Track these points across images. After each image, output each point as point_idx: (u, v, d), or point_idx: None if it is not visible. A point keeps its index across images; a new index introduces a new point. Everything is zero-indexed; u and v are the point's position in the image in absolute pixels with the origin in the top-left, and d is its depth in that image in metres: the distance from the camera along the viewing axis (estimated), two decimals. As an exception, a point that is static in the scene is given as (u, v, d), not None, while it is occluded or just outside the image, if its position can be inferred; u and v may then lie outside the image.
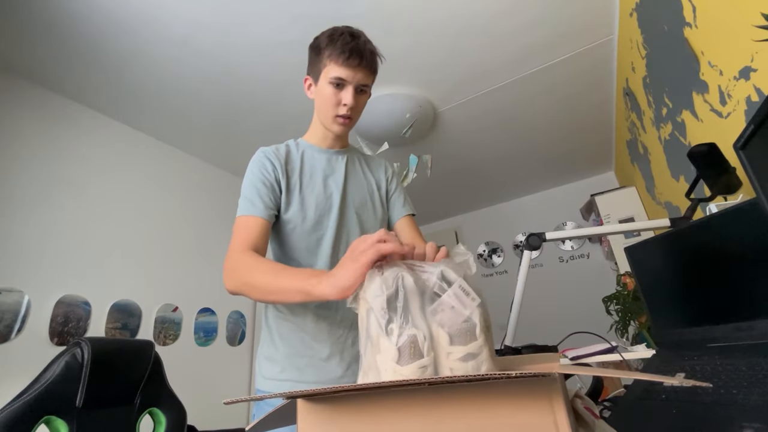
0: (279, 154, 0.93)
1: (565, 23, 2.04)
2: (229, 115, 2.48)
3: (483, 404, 0.34)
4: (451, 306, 0.39)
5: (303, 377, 0.84)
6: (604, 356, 1.02)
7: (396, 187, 1.06)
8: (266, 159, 0.91)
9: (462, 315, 0.39)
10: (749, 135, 0.58)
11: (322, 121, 0.95)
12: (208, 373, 2.48)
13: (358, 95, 0.90)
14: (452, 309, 0.39)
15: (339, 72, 0.86)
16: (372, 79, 0.92)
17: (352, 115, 0.91)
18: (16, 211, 1.87)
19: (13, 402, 0.81)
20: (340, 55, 0.85)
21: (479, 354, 0.38)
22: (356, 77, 0.87)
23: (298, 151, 0.97)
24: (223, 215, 2.87)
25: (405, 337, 0.38)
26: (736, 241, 0.67)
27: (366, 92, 0.92)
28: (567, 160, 3.49)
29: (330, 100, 0.89)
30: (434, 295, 0.41)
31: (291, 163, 0.94)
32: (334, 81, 0.87)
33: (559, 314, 3.44)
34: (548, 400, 0.33)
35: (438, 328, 0.39)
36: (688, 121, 1.46)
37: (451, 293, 0.40)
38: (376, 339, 0.39)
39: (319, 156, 0.98)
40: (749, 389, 0.49)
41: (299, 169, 0.94)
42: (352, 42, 0.86)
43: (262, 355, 0.91)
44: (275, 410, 0.40)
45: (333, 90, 0.88)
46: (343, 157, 1.00)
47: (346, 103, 0.88)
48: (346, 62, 0.85)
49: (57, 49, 1.91)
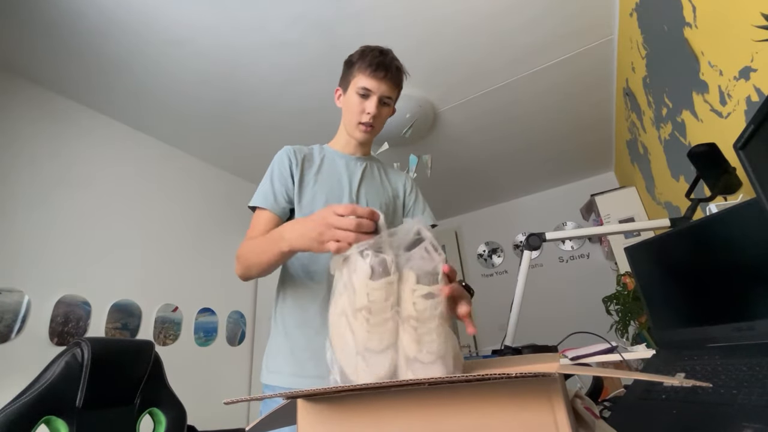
0: (300, 152, 1.00)
1: (565, 23, 2.04)
2: (229, 115, 2.48)
3: (483, 404, 0.34)
4: (421, 257, 0.48)
5: (304, 371, 0.86)
6: (604, 356, 1.02)
7: (416, 199, 1.11)
8: (285, 155, 0.98)
9: (430, 264, 0.47)
10: (749, 135, 0.58)
11: (347, 127, 1.02)
12: (208, 373, 2.48)
13: (382, 107, 0.97)
14: (422, 258, 0.48)
15: (366, 83, 0.94)
16: (396, 93, 1.00)
17: (375, 123, 0.98)
18: (16, 211, 1.87)
19: (13, 402, 0.81)
20: (368, 67, 0.94)
21: (438, 296, 0.46)
22: (381, 89, 0.95)
23: (320, 153, 1.04)
24: (223, 215, 2.87)
25: (377, 258, 0.47)
26: (736, 241, 0.67)
27: (389, 105, 1.00)
28: (567, 160, 3.49)
29: (355, 108, 0.97)
30: (409, 247, 0.50)
31: (309, 161, 1.01)
32: (360, 91, 0.95)
33: (559, 314, 3.44)
34: (548, 400, 0.33)
35: (408, 270, 0.47)
36: (688, 121, 1.46)
37: (422, 247, 0.48)
38: (353, 264, 0.48)
39: (339, 159, 1.03)
40: (749, 389, 0.49)
41: (316, 167, 1.00)
42: (380, 57, 0.95)
43: (267, 348, 0.95)
44: (275, 410, 0.41)
45: (359, 99, 0.96)
46: (362, 163, 1.05)
47: (369, 111, 0.95)
48: (373, 74, 0.94)
49: (57, 49, 1.91)
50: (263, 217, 0.92)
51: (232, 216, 2.92)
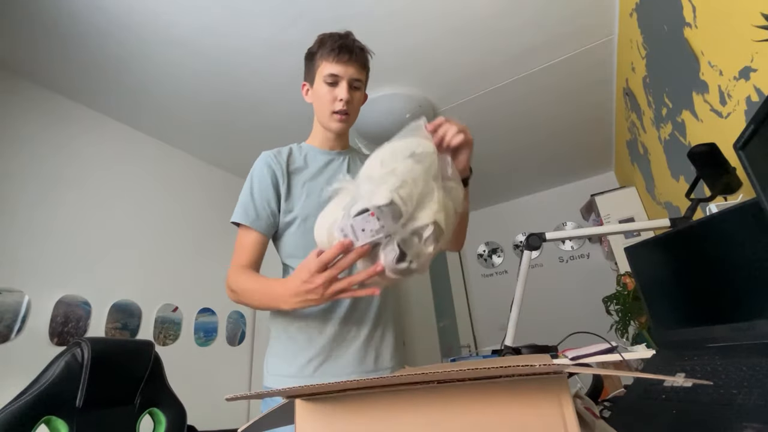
0: (280, 158, 0.96)
1: (565, 23, 2.04)
2: (229, 115, 2.48)
3: (489, 402, 0.34)
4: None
5: (304, 372, 0.86)
6: (604, 356, 1.02)
7: None
8: (266, 166, 0.93)
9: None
10: (749, 135, 0.58)
11: (321, 120, 0.98)
12: (208, 373, 2.48)
13: (353, 91, 0.94)
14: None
15: (331, 69, 0.91)
16: (364, 75, 0.96)
17: (349, 110, 0.94)
18: (16, 210, 1.87)
19: (13, 402, 0.81)
20: (330, 53, 0.91)
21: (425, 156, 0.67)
22: (348, 72, 0.92)
23: (301, 153, 1.00)
24: (223, 215, 2.85)
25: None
26: (737, 242, 0.67)
27: (360, 89, 0.96)
28: (567, 160, 3.49)
29: (326, 97, 0.93)
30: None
31: (293, 165, 0.97)
32: (328, 79, 0.92)
33: (559, 314, 3.44)
34: (557, 398, 0.32)
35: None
36: (688, 121, 1.46)
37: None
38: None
39: (321, 157, 1.00)
40: (749, 389, 0.48)
41: (302, 170, 0.96)
42: (341, 40, 0.92)
43: (268, 351, 0.94)
44: (273, 410, 0.40)
45: (328, 88, 0.93)
46: (345, 157, 1.02)
47: (342, 98, 0.92)
48: (337, 58, 0.90)
49: (57, 49, 1.91)
50: (249, 239, 0.89)
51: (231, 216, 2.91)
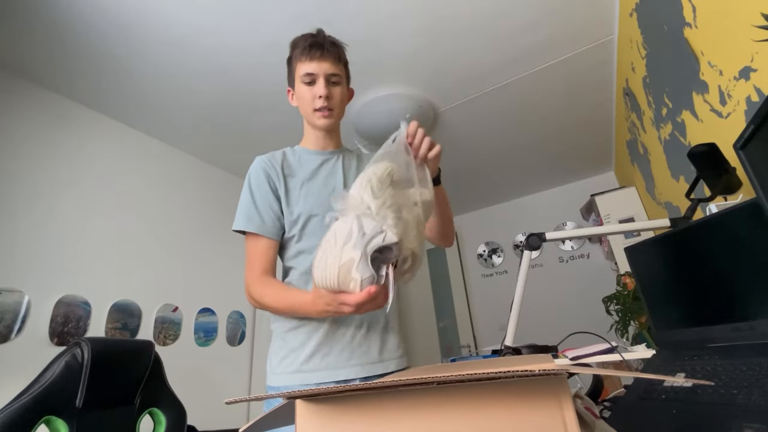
0: (275, 162, 0.96)
1: (565, 23, 2.04)
2: (229, 115, 2.48)
3: (489, 402, 0.34)
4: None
5: (306, 367, 0.86)
6: (604, 356, 1.02)
7: None
8: (262, 171, 0.94)
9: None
10: (749, 135, 0.58)
11: (308, 120, 1.00)
12: (208, 373, 2.48)
13: (331, 86, 0.95)
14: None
15: (306, 68, 0.93)
16: (341, 68, 0.97)
17: (331, 105, 0.95)
18: (16, 210, 1.87)
19: (13, 402, 0.81)
20: (302, 52, 0.93)
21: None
22: (322, 68, 0.93)
23: (295, 156, 1.00)
24: (223, 215, 2.87)
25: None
26: (736, 241, 0.67)
27: (339, 84, 0.96)
28: (567, 160, 3.49)
29: (306, 97, 0.95)
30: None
31: (288, 167, 0.97)
32: (305, 79, 0.93)
33: (559, 314, 3.44)
34: (557, 399, 0.32)
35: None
36: (688, 121, 1.46)
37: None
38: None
39: (315, 158, 1.00)
40: (749, 389, 0.49)
41: (297, 172, 0.97)
42: (311, 38, 0.94)
43: (269, 351, 0.94)
44: (272, 410, 0.40)
45: (306, 87, 0.94)
46: (338, 156, 1.03)
47: (320, 94, 0.93)
48: (310, 56, 0.92)
49: (57, 49, 1.90)
50: (259, 246, 0.90)
51: (231, 216, 2.89)
